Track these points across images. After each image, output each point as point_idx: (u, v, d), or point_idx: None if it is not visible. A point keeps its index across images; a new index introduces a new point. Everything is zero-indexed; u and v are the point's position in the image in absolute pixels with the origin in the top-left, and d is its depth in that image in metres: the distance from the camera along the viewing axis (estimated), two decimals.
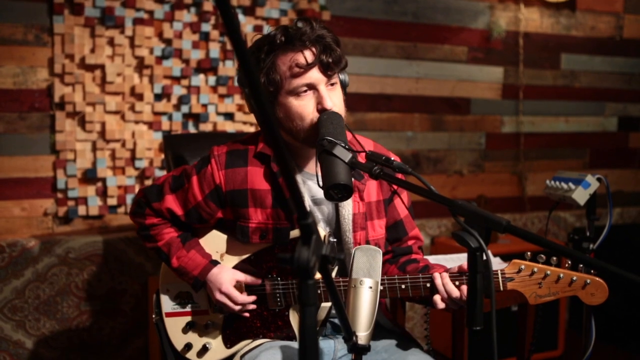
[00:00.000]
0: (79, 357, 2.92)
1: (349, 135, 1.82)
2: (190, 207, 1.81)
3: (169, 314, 1.88)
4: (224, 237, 1.87)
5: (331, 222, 1.81)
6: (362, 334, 1.41)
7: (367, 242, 1.80)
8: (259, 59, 1.69)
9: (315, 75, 1.66)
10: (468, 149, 3.76)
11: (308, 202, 1.77)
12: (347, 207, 1.77)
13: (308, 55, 1.65)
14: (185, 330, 1.86)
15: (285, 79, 1.67)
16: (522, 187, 3.91)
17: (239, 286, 1.79)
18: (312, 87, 1.67)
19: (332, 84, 1.70)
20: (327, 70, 1.67)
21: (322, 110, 1.66)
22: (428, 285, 1.68)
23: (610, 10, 4.03)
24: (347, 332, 1.37)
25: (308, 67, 1.65)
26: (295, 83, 1.66)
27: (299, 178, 1.78)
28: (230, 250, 1.85)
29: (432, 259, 2.60)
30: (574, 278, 1.60)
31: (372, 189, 1.84)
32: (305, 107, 1.67)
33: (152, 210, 1.84)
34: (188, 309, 1.87)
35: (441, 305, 1.67)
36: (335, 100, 1.69)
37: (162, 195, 1.83)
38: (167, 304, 1.88)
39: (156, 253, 1.87)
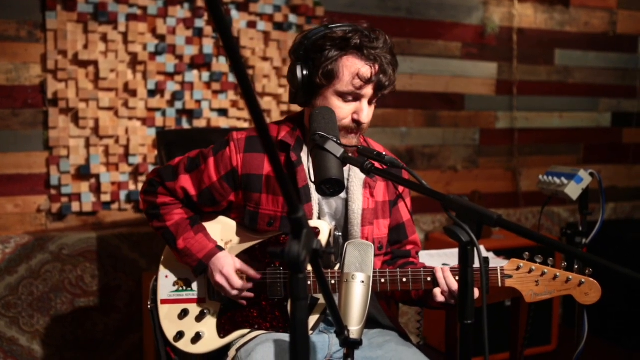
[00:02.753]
0: (73, 354, 2.92)
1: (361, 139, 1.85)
2: (204, 188, 1.82)
3: (164, 301, 1.88)
4: (231, 224, 1.88)
5: (339, 216, 1.83)
6: (354, 328, 1.41)
7: (373, 239, 1.83)
8: (322, 46, 1.71)
9: (368, 91, 1.72)
10: (462, 144, 3.76)
11: (317, 196, 1.79)
12: (357, 202, 1.80)
13: (370, 71, 1.70)
14: (180, 317, 1.86)
15: (342, 80, 1.70)
16: (517, 182, 3.92)
17: (239, 274, 1.80)
18: (358, 97, 1.72)
19: (372, 101, 1.76)
20: (380, 91, 1.72)
21: (356, 120, 1.73)
22: (429, 279, 1.72)
23: (603, 6, 4.04)
24: (338, 326, 1.37)
25: (368, 82, 1.70)
26: (348, 88, 1.70)
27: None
28: (235, 238, 1.86)
29: (426, 253, 2.61)
30: (570, 277, 1.66)
31: (379, 189, 1.87)
32: (342, 111, 1.72)
33: (166, 189, 1.85)
34: (185, 296, 1.87)
35: (440, 298, 1.70)
36: (369, 115, 1.75)
37: (177, 175, 1.85)
38: (164, 290, 1.88)
39: (162, 234, 1.87)
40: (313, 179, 1.52)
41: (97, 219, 2.95)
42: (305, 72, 1.73)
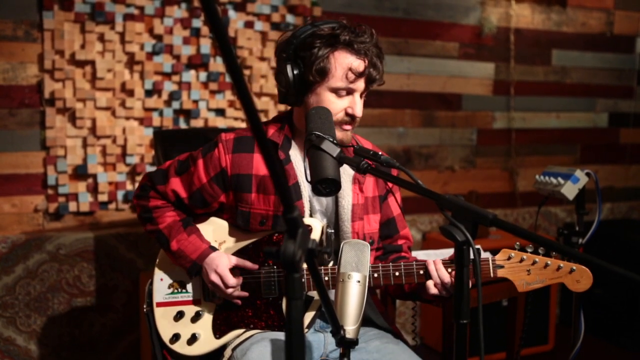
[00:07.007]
0: (70, 354, 2.91)
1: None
2: (194, 190, 1.84)
3: (160, 304, 1.89)
4: (224, 225, 1.89)
5: (329, 212, 1.85)
6: (350, 327, 1.41)
7: (364, 234, 1.85)
8: (311, 44, 1.72)
9: (360, 84, 1.75)
10: (459, 144, 3.76)
11: (309, 193, 1.81)
12: (347, 198, 1.82)
13: (362, 65, 1.73)
14: (175, 319, 1.86)
15: (334, 75, 1.73)
16: (514, 182, 3.93)
17: (236, 271, 1.80)
18: (351, 91, 1.75)
19: (363, 94, 1.80)
20: (371, 83, 1.76)
21: (351, 114, 1.75)
22: (421, 272, 1.73)
23: (600, 6, 4.05)
24: (334, 325, 1.37)
25: (360, 75, 1.73)
26: (342, 84, 1.73)
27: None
28: (229, 239, 1.87)
29: (423, 254, 2.62)
30: (561, 265, 1.68)
31: (369, 184, 1.89)
32: (336, 105, 1.75)
33: (157, 192, 1.88)
34: (180, 298, 1.88)
35: (433, 290, 1.72)
36: (362, 108, 1.79)
37: (167, 178, 1.87)
38: (159, 293, 1.89)
39: (156, 237, 1.89)
40: (309, 179, 1.53)
41: (94, 218, 2.95)
42: (295, 71, 1.74)
